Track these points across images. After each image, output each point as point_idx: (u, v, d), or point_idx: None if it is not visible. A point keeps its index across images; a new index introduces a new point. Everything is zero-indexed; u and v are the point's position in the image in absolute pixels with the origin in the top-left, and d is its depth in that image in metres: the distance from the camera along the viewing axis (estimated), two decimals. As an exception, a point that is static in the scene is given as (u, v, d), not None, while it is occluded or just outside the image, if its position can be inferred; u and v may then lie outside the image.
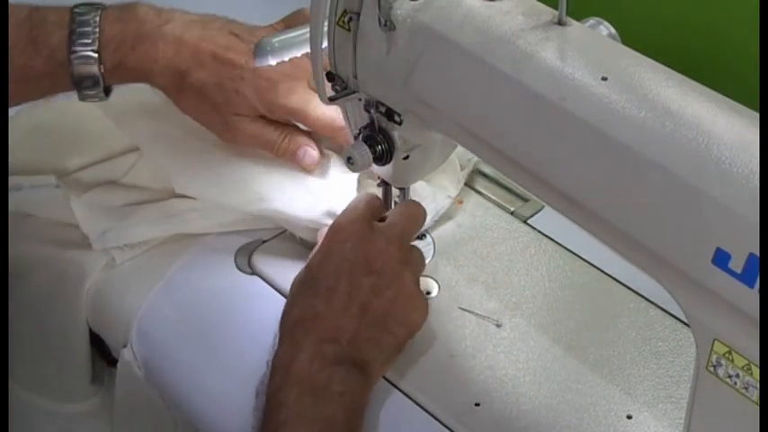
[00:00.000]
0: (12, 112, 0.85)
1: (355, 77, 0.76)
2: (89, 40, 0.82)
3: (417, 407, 0.77)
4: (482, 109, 0.68)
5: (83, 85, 0.83)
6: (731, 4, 0.99)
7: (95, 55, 0.82)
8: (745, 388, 0.58)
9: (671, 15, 1.05)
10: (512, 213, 0.95)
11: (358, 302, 0.75)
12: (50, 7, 0.84)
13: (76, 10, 0.83)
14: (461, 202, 0.96)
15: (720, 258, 0.56)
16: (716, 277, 0.56)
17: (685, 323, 0.70)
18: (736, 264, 0.55)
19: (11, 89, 0.80)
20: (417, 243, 0.90)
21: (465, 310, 0.85)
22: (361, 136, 0.79)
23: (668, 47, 0.85)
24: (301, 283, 0.77)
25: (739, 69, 0.96)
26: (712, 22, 1.02)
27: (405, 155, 0.79)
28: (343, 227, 0.79)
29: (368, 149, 0.78)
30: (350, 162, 0.79)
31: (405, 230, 0.81)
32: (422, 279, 0.87)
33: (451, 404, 0.78)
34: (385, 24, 0.71)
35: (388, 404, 0.78)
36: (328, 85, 0.77)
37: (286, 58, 0.83)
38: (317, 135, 0.89)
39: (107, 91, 0.85)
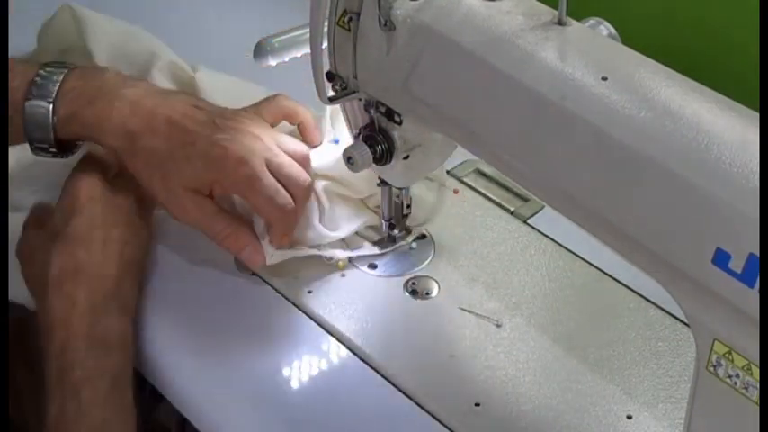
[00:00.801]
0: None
1: (355, 77, 0.76)
2: (47, 89, 0.81)
3: (417, 407, 0.77)
4: (482, 109, 0.68)
5: (34, 135, 0.82)
6: (731, 4, 0.99)
7: (50, 105, 0.81)
8: (745, 388, 0.58)
9: (671, 15, 1.05)
10: (512, 213, 0.95)
11: (116, 248, 0.80)
12: (23, 60, 0.84)
13: (45, 64, 0.83)
14: (457, 192, 0.96)
15: (720, 258, 0.56)
16: (716, 277, 0.56)
17: (685, 323, 0.70)
18: (736, 264, 0.55)
19: None
20: (417, 243, 0.91)
21: (465, 310, 0.85)
22: (361, 136, 0.79)
23: (668, 47, 0.85)
24: (50, 236, 0.80)
25: (739, 69, 0.96)
26: (712, 22, 1.02)
27: (405, 155, 0.79)
28: (78, 182, 0.82)
29: (368, 149, 0.78)
30: (350, 162, 0.79)
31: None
32: (422, 279, 0.87)
33: (451, 404, 0.77)
34: (385, 24, 0.71)
35: (388, 404, 0.78)
36: (328, 85, 0.77)
37: (286, 59, 0.83)
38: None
39: (60, 147, 0.83)
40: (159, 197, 0.83)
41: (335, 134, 0.88)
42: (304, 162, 0.85)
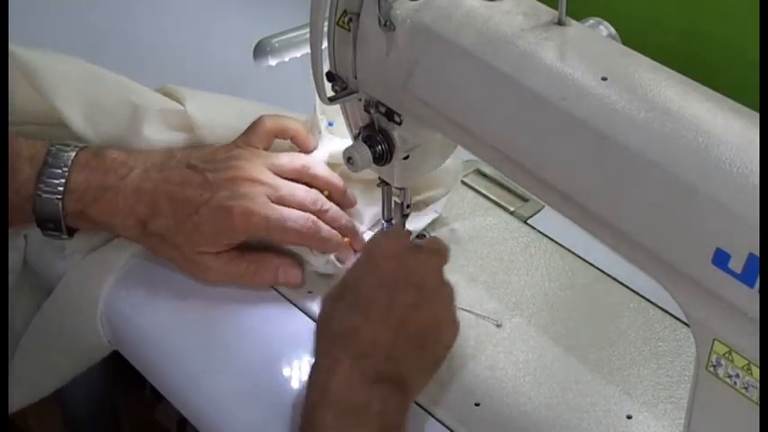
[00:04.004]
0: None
1: (355, 77, 0.76)
2: (56, 182, 0.82)
3: (417, 407, 0.77)
4: (482, 109, 0.68)
5: (46, 225, 0.83)
6: (731, 4, 0.99)
7: (59, 201, 0.82)
8: (745, 388, 0.58)
9: (671, 15, 1.05)
10: (512, 213, 0.95)
11: (396, 316, 0.72)
12: (29, 139, 0.83)
13: (52, 148, 0.83)
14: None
15: (720, 258, 0.56)
16: (716, 277, 0.56)
17: (685, 323, 0.70)
18: (736, 264, 0.55)
19: None
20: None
21: (465, 310, 0.85)
22: (361, 136, 0.79)
23: (668, 47, 0.85)
24: (339, 296, 0.74)
25: (739, 69, 0.96)
26: (712, 22, 1.02)
27: (405, 155, 0.79)
28: (382, 242, 0.77)
29: (368, 149, 0.78)
30: (350, 162, 0.79)
31: (444, 254, 0.79)
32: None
33: (451, 404, 0.78)
34: (385, 25, 0.71)
35: (389, 404, 0.78)
36: (328, 86, 0.77)
37: (286, 59, 0.83)
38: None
39: (70, 232, 0.85)
40: (180, 266, 0.85)
41: (328, 117, 0.88)
42: (307, 171, 0.86)
